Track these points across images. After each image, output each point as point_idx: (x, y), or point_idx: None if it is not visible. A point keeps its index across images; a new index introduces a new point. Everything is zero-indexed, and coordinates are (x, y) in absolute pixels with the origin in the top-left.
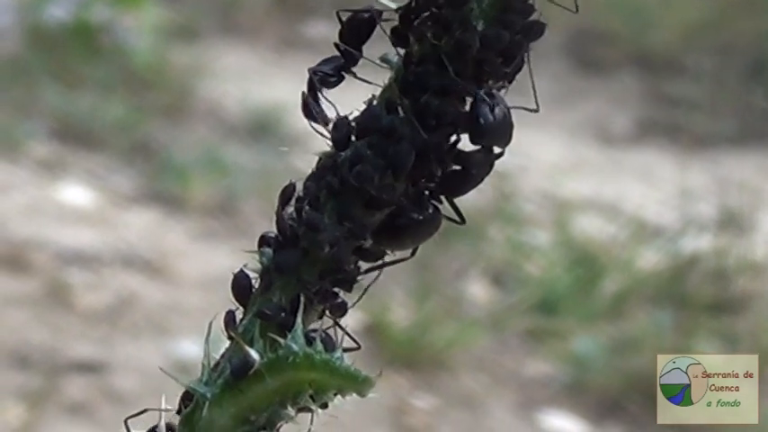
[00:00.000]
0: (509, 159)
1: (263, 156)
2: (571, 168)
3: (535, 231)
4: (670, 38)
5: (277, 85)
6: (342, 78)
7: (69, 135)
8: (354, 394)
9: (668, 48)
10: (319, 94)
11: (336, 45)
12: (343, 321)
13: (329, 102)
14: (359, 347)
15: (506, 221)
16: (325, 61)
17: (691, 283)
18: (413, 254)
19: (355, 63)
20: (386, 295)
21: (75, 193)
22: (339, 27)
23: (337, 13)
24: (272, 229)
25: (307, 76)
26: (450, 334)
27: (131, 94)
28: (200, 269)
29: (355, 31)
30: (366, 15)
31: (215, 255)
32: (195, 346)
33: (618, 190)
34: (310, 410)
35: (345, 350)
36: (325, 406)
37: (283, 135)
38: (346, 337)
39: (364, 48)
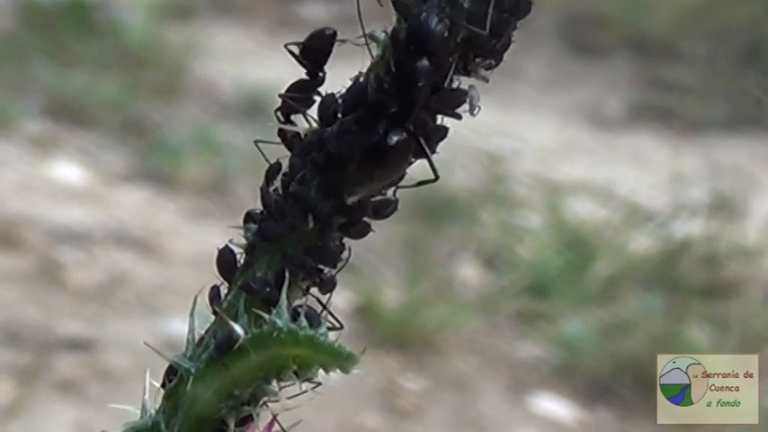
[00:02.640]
0: (502, 142)
1: (255, 135)
2: (564, 151)
3: (527, 214)
4: (664, 22)
5: (271, 64)
6: (313, 101)
7: (62, 113)
8: (338, 370)
9: (662, 32)
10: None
11: (302, 65)
12: (333, 301)
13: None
14: (342, 327)
15: (498, 204)
16: (294, 85)
17: (682, 267)
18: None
19: (321, 84)
20: (377, 276)
21: (68, 171)
22: (299, 49)
23: (286, 46)
24: (258, 207)
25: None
26: (442, 316)
27: (125, 73)
28: (191, 248)
29: (316, 52)
30: (327, 33)
31: (207, 234)
32: (185, 324)
33: (610, 173)
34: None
35: (330, 329)
36: (309, 381)
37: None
38: (331, 319)
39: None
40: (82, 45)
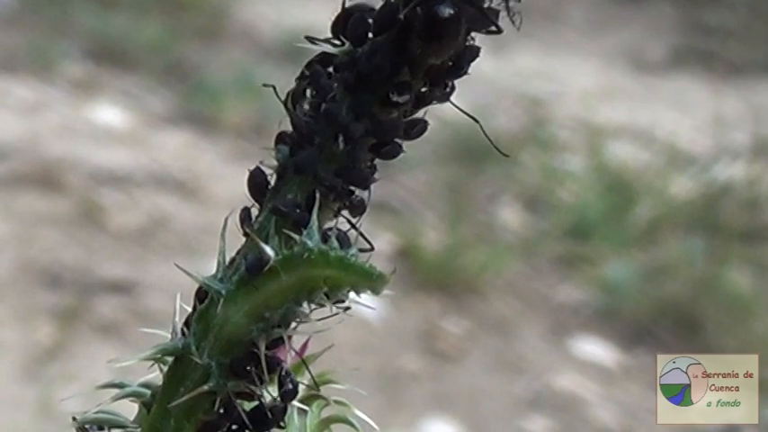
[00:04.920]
0: (544, 85)
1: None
2: (605, 95)
3: (568, 157)
4: None
5: (311, 7)
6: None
7: (104, 56)
8: (369, 291)
9: None
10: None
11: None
12: (375, 244)
13: None
14: (372, 249)
15: (540, 147)
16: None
17: (723, 210)
18: None
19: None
20: (418, 219)
21: (109, 114)
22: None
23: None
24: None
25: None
26: (483, 259)
27: (166, 16)
28: (232, 190)
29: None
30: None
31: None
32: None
33: (652, 117)
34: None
35: (361, 251)
36: (340, 302)
37: None
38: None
39: None
40: None
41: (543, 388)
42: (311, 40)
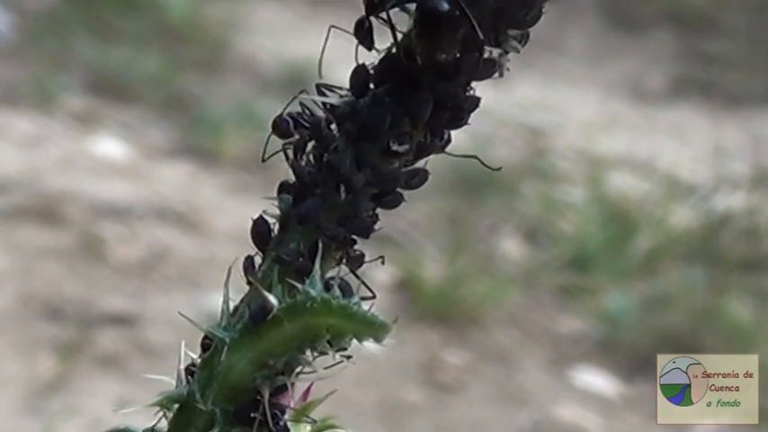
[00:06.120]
0: (544, 116)
1: (297, 110)
2: (605, 125)
3: (569, 188)
4: None
5: (311, 39)
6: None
7: (104, 88)
8: (371, 340)
9: (703, 5)
10: None
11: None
12: (376, 276)
13: None
14: (374, 297)
15: (540, 178)
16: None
17: (723, 240)
18: None
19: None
20: (419, 250)
21: (110, 146)
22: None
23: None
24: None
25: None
26: (483, 290)
27: (166, 48)
28: (233, 223)
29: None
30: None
31: (248, 208)
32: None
33: (652, 147)
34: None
35: (363, 299)
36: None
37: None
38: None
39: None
40: (123, 20)
41: (544, 419)
42: (320, 89)
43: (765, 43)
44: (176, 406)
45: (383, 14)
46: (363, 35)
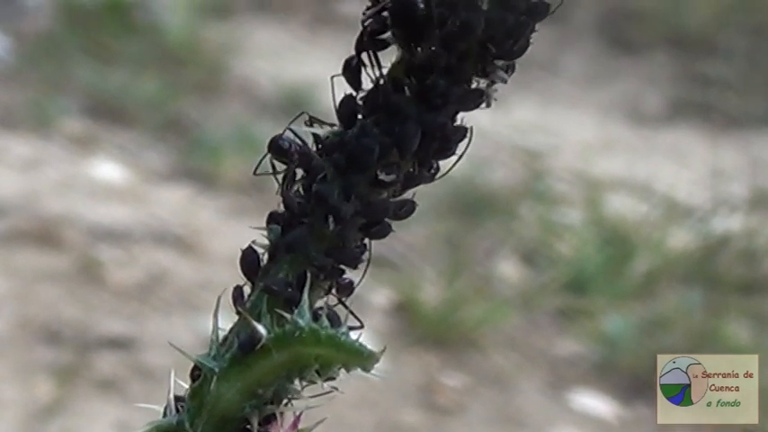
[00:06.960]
0: (541, 138)
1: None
2: (603, 147)
3: (566, 210)
4: (703, 17)
5: (310, 62)
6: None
7: (102, 111)
8: (359, 369)
9: (701, 27)
10: None
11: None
12: (373, 298)
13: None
14: (362, 326)
15: (537, 200)
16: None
17: (721, 263)
18: None
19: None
20: (416, 274)
21: (108, 170)
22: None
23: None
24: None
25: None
26: (481, 313)
27: (164, 71)
28: (231, 246)
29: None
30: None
31: (246, 232)
32: (225, 322)
33: (650, 169)
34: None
35: (351, 328)
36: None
37: (316, 112)
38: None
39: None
40: (121, 44)
41: None
42: (310, 122)
43: (764, 66)
44: None
45: (370, 53)
46: (351, 74)
